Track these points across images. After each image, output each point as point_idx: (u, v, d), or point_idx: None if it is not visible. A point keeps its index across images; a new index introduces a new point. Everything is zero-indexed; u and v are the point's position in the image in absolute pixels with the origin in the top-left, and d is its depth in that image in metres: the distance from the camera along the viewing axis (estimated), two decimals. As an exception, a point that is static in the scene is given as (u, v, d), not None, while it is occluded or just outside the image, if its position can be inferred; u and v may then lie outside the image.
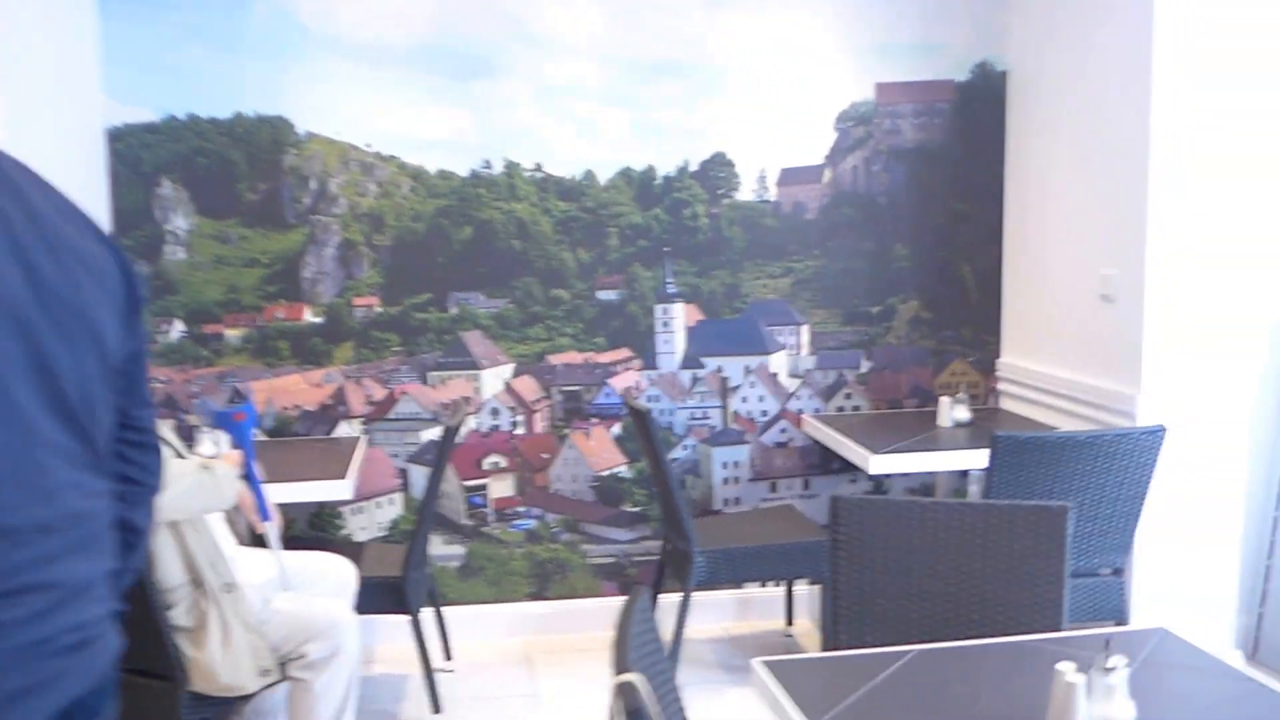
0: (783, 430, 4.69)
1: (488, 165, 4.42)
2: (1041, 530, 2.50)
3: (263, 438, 4.39)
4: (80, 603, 1.54)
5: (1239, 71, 3.76)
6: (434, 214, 4.42)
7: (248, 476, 3.10)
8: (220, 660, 2.97)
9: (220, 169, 4.29)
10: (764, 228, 4.58)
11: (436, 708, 3.87)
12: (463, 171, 4.41)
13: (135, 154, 4.24)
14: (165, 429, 3.24)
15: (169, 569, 2.97)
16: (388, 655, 4.41)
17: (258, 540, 3.47)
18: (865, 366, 4.70)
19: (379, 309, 4.44)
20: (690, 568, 3.99)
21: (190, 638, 2.98)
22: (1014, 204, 4.62)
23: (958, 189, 4.64)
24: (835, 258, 4.63)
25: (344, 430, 4.45)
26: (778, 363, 4.66)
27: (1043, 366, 4.40)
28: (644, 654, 1.86)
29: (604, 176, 4.48)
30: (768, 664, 2.17)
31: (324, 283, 4.41)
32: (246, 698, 3.04)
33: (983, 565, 2.53)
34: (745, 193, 4.55)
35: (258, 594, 3.13)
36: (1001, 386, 4.72)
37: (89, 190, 4.14)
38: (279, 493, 3.60)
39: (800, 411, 4.68)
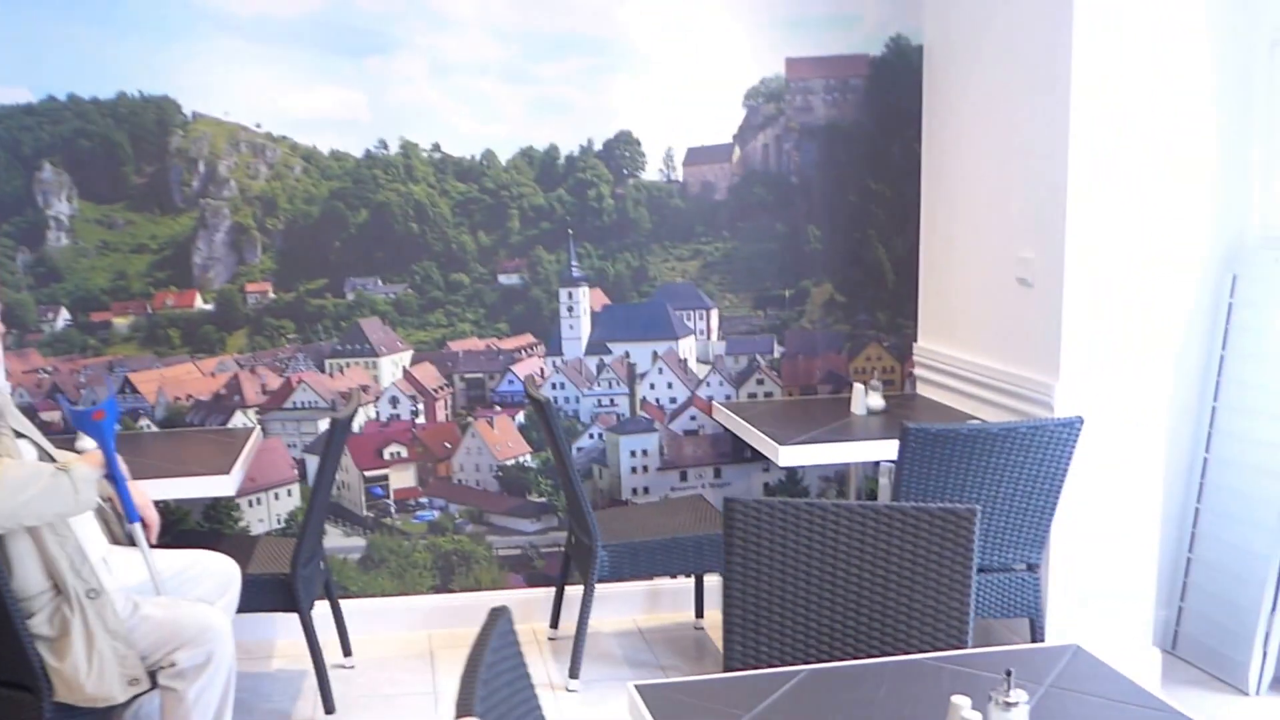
0: (692, 418, 4.58)
1: (383, 145, 4.28)
2: (947, 534, 2.37)
3: (154, 429, 4.27)
4: None
5: (1161, 48, 3.61)
6: (328, 196, 4.28)
7: (112, 477, 2.98)
8: (85, 670, 2.85)
9: (104, 151, 4.15)
10: (671, 208, 4.45)
11: (329, 708, 3.76)
12: (357, 152, 4.27)
13: (13, 136, 4.09)
14: (31, 427, 3.11)
15: (28, 576, 2.84)
16: (286, 650, 4.31)
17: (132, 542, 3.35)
18: (777, 352, 4.58)
19: (273, 295, 4.31)
20: (593, 562, 3.88)
21: (52, 647, 2.85)
22: (931, 183, 4.49)
23: (873, 168, 4.51)
24: (746, 239, 4.51)
25: (240, 421, 4.33)
26: (686, 348, 4.54)
27: (960, 352, 4.29)
28: (501, 684, 1.76)
29: (504, 156, 4.34)
30: (640, 689, 2.05)
31: (215, 269, 4.27)
32: (116, 708, 2.92)
33: (885, 572, 2.40)
34: (652, 172, 4.42)
35: (126, 599, 2.99)
36: (918, 372, 4.60)
37: (-35, 174, 4.00)
38: (159, 490, 3.49)
39: (710, 398, 4.56)
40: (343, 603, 4.38)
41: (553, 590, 4.40)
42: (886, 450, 3.75)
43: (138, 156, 4.17)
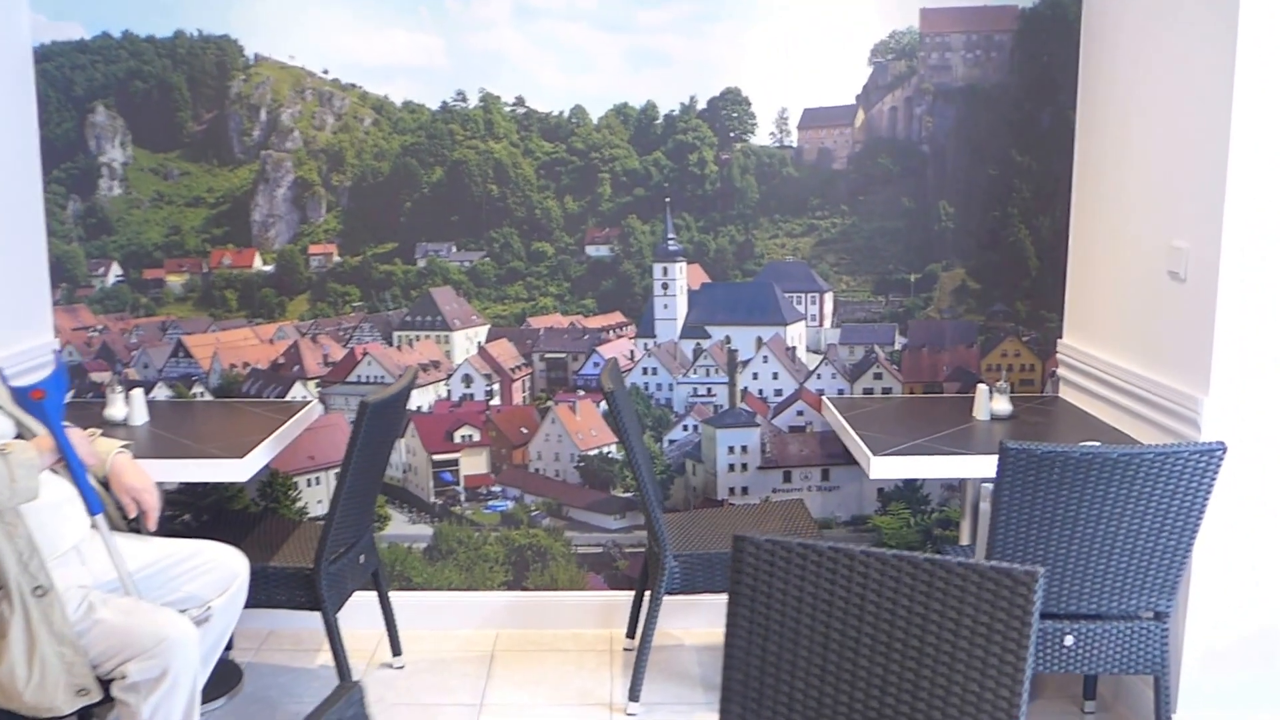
0: (799, 413, 4.07)
1: (461, 98, 3.84)
2: (1000, 601, 1.86)
3: (208, 398, 3.95)
4: None
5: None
6: (400, 152, 3.87)
7: (67, 462, 2.62)
8: (23, 676, 2.52)
9: (160, 95, 3.81)
10: (783, 177, 3.92)
11: None
12: (433, 104, 3.84)
13: (65, 76, 3.77)
14: (9, 402, 2.76)
15: (-37, 565, 2.53)
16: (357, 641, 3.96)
17: (134, 528, 3.01)
18: (899, 343, 4.03)
19: (338, 258, 3.93)
20: (662, 573, 3.44)
21: (-14, 647, 2.54)
22: (1086, 157, 3.86)
23: (1017, 137, 3.90)
24: (867, 215, 3.95)
25: (299, 394, 3.98)
26: (795, 335, 4.03)
27: (1107, 354, 3.67)
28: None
29: (596, 114, 3.87)
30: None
31: (276, 227, 3.91)
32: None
33: (920, 643, 1.90)
34: (762, 136, 3.89)
35: (83, 599, 2.65)
36: (1062, 373, 4.00)
37: (15, 115, 3.70)
38: (166, 472, 3.16)
39: (820, 392, 4.04)
40: (404, 595, 4.05)
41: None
42: (991, 468, 3.19)
43: (196, 101, 3.82)
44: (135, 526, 3.03)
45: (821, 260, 3.97)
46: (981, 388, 3.69)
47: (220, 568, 3.03)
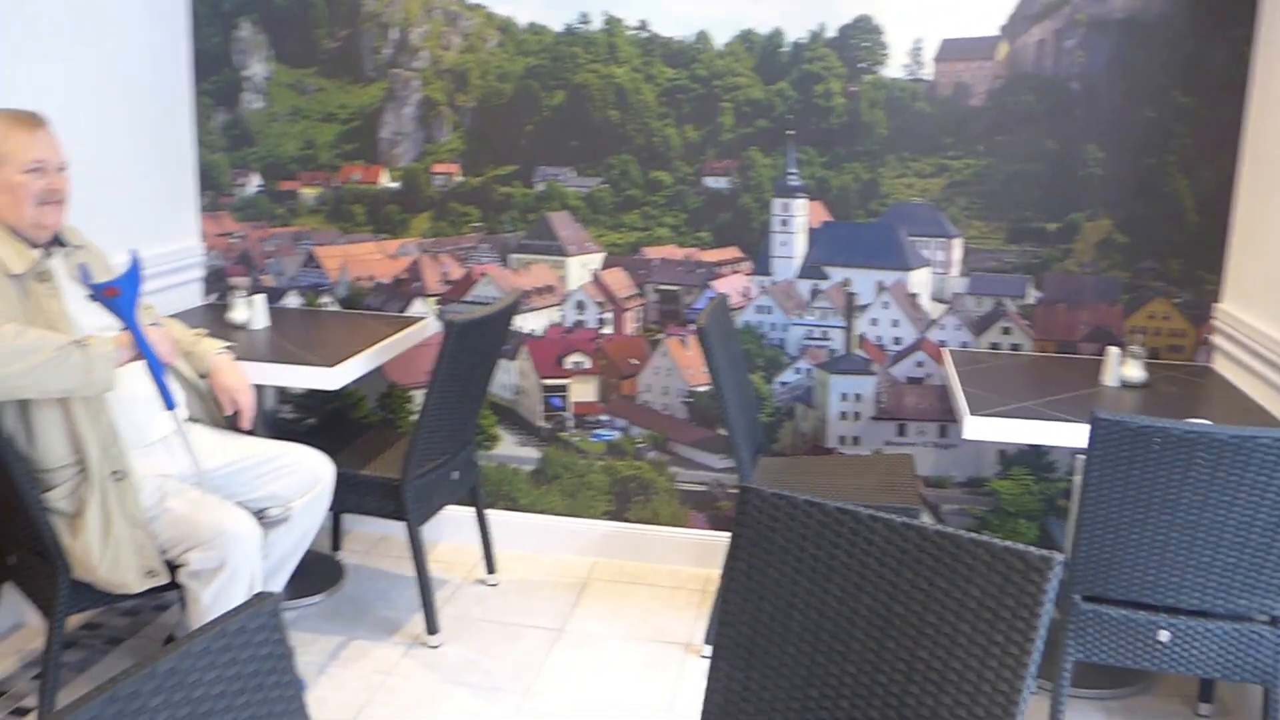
0: (919, 364, 3.86)
1: (585, 20, 3.78)
2: (1010, 585, 1.69)
3: (335, 308, 4.09)
4: None
5: None
6: (522, 74, 3.86)
7: (146, 358, 2.74)
8: (98, 552, 2.69)
9: (299, 11, 3.93)
10: (915, 113, 3.69)
11: (431, 627, 3.47)
12: (556, 26, 3.81)
13: (217, -9, 3.95)
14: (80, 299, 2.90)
15: (51, 448, 2.70)
16: (441, 556, 4.07)
17: (232, 424, 3.16)
18: (1032, 297, 3.75)
19: (459, 178, 3.97)
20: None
21: (68, 524, 2.72)
22: (1261, 101, 3.45)
23: (1182, 76, 3.53)
24: (1005, 157, 3.68)
25: (418, 308, 4.07)
26: (919, 282, 3.81)
27: (1271, 325, 3.29)
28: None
29: (720, 40, 3.74)
30: None
31: (402, 144, 3.98)
32: (134, 596, 2.76)
33: (920, 617, 1.76)
34: (894, 68, 3.67)
35: (158, 488, 2.81)
36: (1216, 341, 3.63)
37: (169, 30, 3.90)
38: (264, 375, 3.29)
39: (943, 344, 3.82)
40: (508, 515, 4.12)
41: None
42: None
43: (331, 19, 3.91)
44: (230, 424, 3.19)
45: (951, 203, 3.73)
46: (1112, 350, 3.39)
47: (303, 471, 3.15)
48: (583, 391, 4.08)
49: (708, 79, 3.77)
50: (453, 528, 4.11)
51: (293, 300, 4.12)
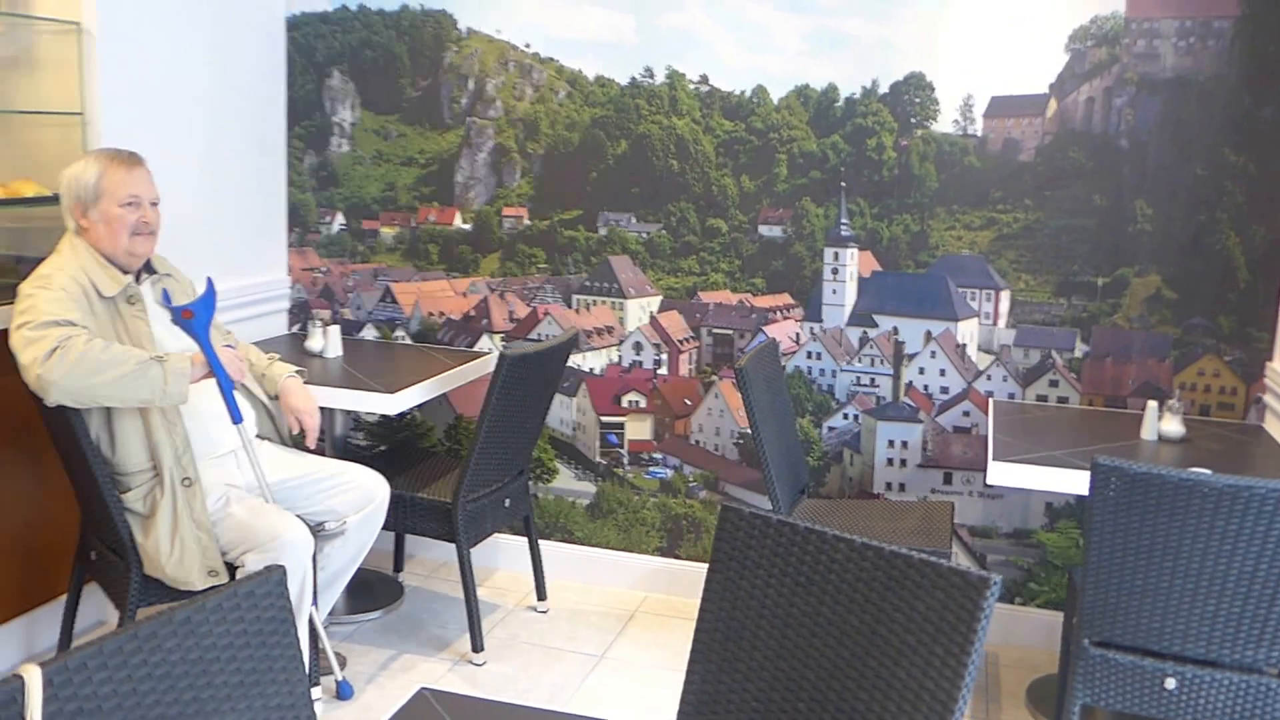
0: (965, 413, 3.91)
1: (649, 74, 3.98)
2: (950, 604, 1.79)
3: (406, 341, 4.33)
4: None
5: None
6: (589, 124, 4.06)
7: (218, 376, 2.98)
8: (166, 551, 2.92)
9: (385, 63, 4.20)
10: (964, 167, 3.78)
11: (476, 645, 3.63)
12: (622, 79, 4.01)
13: (310, 44, 4.25)
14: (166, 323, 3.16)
15: (130, 453, 2.95)
16: (497, 582, 4.24)
17: (298, 442, 3.39)
18: (1080, 350, 3.79)
19: (527, 222, 4.18)
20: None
21: (142, 524, 2.96)
22: (1315, 162, 3.47)
23: (1233, 135, 3.55)
24: (1054, 211, 3.74)
25: (484, 344, 4.27)
26: (967, 332, 3.88)
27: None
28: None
29: (776, 94, 3.89)
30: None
31: (476, 189, 4.22)
32: (197, 594, 2.98)
33: (873, 629, 1.86)
34: (944, 123, 3.77)
35: (222, 494, 3.03)
36: (1269, 400, 3.61)
37: (267, 78, 4.21)
38: (330, 399, 3.51)
39: (990, 394, 3.87)
40: (563, 547, 4.27)
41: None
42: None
43: (414, 70, 4.18)
44: (296, 442, 3.42)
45: (1000, 256, 3.80)
46: (1151, 405, 3.41)
47: (359, 489, 3.35)
48: (638, 430, 4.22)
49: (764, 131, 3.92)
50: (509, 556, 4.28)
51: (369, 333, 4.36)
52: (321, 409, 3.36)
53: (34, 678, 1.30)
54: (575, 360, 4.15)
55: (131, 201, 3.02)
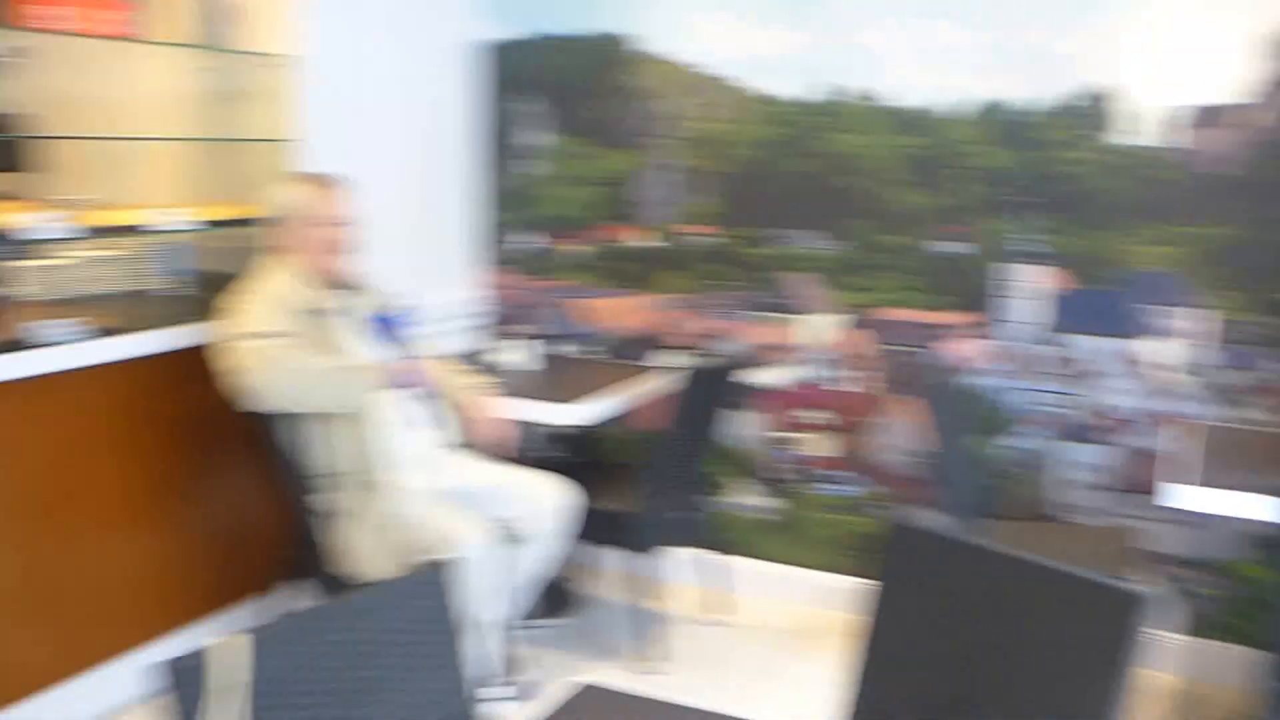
0: (1157, 435, 3.73)
1: (828, 91, 3.98)
2: (1107, 620, 1.76)
3: (596, 357, 4.46)
4: None
5: None
6: (770, 142, 4.10)
7: (410, 385, 3.17)
8: (353, 549, 3.13)
9: (575, 85, 4.36)
10: (1161, 181, 3.62)
11: (655, 656, 3.72)
12: (803, 97, 4.03)
13: (506, 69, 4.45)
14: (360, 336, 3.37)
15: (322, 457, 3.17)
16: (682, 595, 4.31)
17: (486, 451, 3.55)
18: (1286, 372, 3.58)
19: (709, 239, 4.25)
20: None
21: (333, 524, 3.17)
22: None
23: None
24: (1265, 227, 3.53)
25: (668, 359, 4.36)
26: (1161, 351, 3.71)
27: None
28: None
29: (957, 109, 3.83)
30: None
31: (660, 207, 4.31)
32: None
33: (1038, 651, 1.85)
34: (1139, 135, 3.62)
35: (403, 496, 3.21)
36: None
37: (462, 102, 4.44)
38: (521, 411, 3.66)
39: (1185, 416, 3.68)
40: (744, 562, 4.30)
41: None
42: None
43: (600, 92, 4.32)
44: (486, 450, 3.59)
45: (1202, 273, 3.62)
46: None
47: (545, 498, 3.50)
48: (818, 446, 4.22)
49: (944, 146, 3.87)
50: (691, 569, 4.34)
51: (558, 347, 4.52)
52: (510, 420, 3.53)
53: (241, 644, 1.53)
54: (756, 376, 4.19)
55: (332, 222, 3.26)
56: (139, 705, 3.33)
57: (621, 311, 4.42)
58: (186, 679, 1.47)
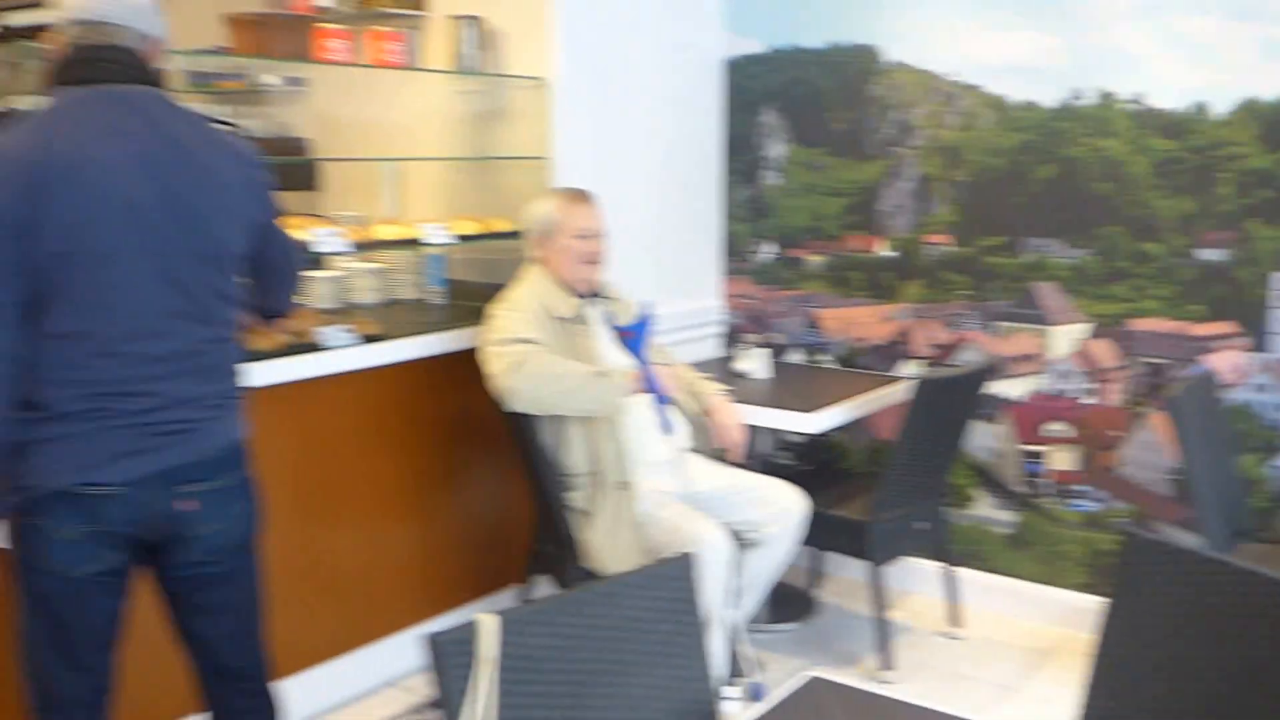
0: None
1: (1077, 95, 3.88)
2: None
3: (832, 365, 4.48)
4: (183, 409, 2.20)
5: None
6: (1015, 149, 4.02)
7: (653, 391, 3.29)
8: (602, 546, 3.27)
9: (814, 98, 4.40)
10: None
11: (885, 665, 3.70)
12: (1048, 102, 3.94)
13: (745, 83, 4.54)
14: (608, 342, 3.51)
15: (576, 457, 3.33)
16: (913, 605, 4.28)
17: (723, 456, 3.64)
18: None
19: (950, 248, 4.21)
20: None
21: (583, 521, 3.32)
22: None
23: None
24: None
25: (907, 369, 4.34)
26: None
27: None
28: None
29: (1220, 109, 3.66)
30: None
31: (899, 217, 4.30)
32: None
33: (1253, 664, 1.79)
34: None
35: (653, 498, 3.33)
36: None
37: (707, 116, 4.56)
38: (752, 415, 3.73)
39: None
40: (981, 575, 4.24)
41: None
42: None
43: (840, 103, 4.35)
44: (721, 456, 3.69)
45: None
46: None
47: (777, 503, 3.56)
48: (1062, 460, 4.11)
49: (1205, 149, 3.70)
50: (924, 580, 4.30)
51: (795, 356, 4.57)
52: (747, 426, 3.61)
53: (494, 622, 1.64)
54: (997, 387, 4.12)
55: (583, 234, 3.43)
56: (406, 678, 3.59)
57: (860, 321, 4.43)
58: (446, 651, 1.60)
